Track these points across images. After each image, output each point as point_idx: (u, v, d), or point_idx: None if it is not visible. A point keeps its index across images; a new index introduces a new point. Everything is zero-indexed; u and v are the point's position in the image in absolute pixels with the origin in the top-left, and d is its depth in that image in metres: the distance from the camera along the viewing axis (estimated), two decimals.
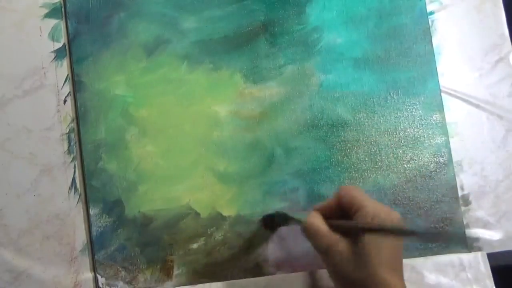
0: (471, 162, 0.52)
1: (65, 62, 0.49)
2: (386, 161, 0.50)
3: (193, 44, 0.50)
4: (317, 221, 0.40)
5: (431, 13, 0.54)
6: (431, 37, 0.53)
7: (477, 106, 0.53)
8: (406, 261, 0.48)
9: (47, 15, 0.49)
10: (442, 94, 0.52)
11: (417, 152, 0.51)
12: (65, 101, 0.48)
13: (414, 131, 0.51)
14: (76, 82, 0.48)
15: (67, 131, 0.48)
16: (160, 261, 0.47)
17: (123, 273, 0.46)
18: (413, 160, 0.51)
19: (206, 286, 0.46)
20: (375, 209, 0.39)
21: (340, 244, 0.38)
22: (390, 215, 0.38)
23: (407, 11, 0.53)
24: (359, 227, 0.38)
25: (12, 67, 0.48)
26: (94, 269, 0.46)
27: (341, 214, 0.41)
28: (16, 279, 0.45)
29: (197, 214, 0.48)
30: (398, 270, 0.38)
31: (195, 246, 0.47)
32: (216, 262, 0.47)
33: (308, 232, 0.40)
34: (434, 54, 0.52)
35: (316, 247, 0.40)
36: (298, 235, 0.43)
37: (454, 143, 0.52)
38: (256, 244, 0.48)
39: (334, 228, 0.39)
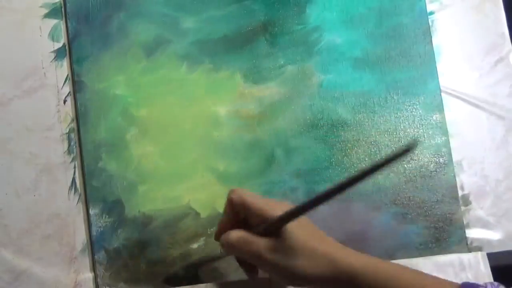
0: (471, 162, 0.52)
1: (65, 62, 0.49)
2: None
3: (193, 44, 0.50)
4: (237, 234, 0.39)
5: (431, 13, 0.54)
6: (431, 37, 0.53)
7: (477, 106, 0.53)
8: (406, 261, 0.48)
9: (47, 15, 0.49)
10: (442, 94, 0.52)
11: (417, 152, 0.51)
12: (65, 101, 0.48)
13: (414, 131, 0.51)
14: (76, 82, 0.48)
15: (67, 131, 0.48)
16: (160, 261, 0.47)
17: (123, 273, 0.46)
18: (413, 160, 0.51)
19: (206, 286, 0.46)
20: (258, 204, 0.38)
21: (267, 243, 0.38)
22: (275, 208, 0.38)
23: (407, 11, 0.53)
24: (278, 219, 0.37)
25: (12, 67, 0.48)
26: (94, 269, 0.46)
27: (238, 219, 0.40)
28: (16, 279, 0.45)
29: (197, 214, 0.48)
30: (326, 238, 0.39)
31: (195, 246, 0.47)
32: (216, 262, 0.47)
33: (236, 247, 0.39)
34: (434, 54, 0.52)
35: (249, 257, 0.39)
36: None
37: (454, 143, 0.52)
38: None
39: (258, 233, 0.39)
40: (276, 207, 0.38)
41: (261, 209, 0.38)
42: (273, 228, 0.38)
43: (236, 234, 0.39)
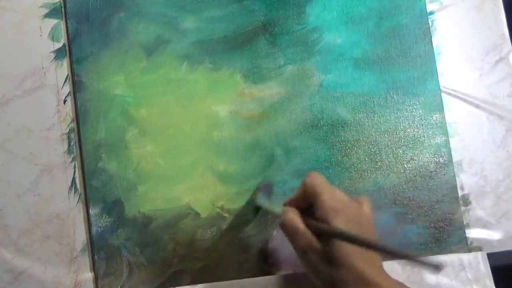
0: (471, 162, 0.52)
1: (65, 62, 0.49)
2: (386, 161, 0.50)
3: (193, 44, 0.50)
4: (295, 219, 0.39)
5: (431, 13, 0.54)
6: (431, 37, 0.53)
7: (477, 106, 0.53)
8: (406, 261, 0.48)
9: (47, 15, 0.49)
10: (442, 94, 0.52)
11: (417, 152, 0.51)
12: (65, 101, 0.48)
13: (414, 131, 0.51)
14: (76, 82, 0.48)
15: (67, 131, 0.48)
16: (160, 261, 0.47)
17: (123, 273, 0.46)
18: (413, 160, 0.51)
19: (206, 286, 0.46)
20: (332, 201, 0.38)
21: (315, 246, 0.37)
22: (337, 217, 0.37)
23: (407, 11, 0.53)
24: (331, 232, 0.37)
25: (12, 67, 0.48)
26: (94, 269, 0.46)
27: (308, 202, 0.40)
28: (16, 279, 0.45)
29: (197, 214, 0.48)
30: (374, 258, 0.37)
31: (195, 246, 0.47)
32: (216, 262, 0.47)
33: (287, 231, 0.39)
34: (434, 54, 0.52)
35: (293, 246, 0.39)
36: None
37: (454, 143, 0.52)
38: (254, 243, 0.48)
39: (308, 226, 0.38)
40: (340, 216, 0.37)
41: (325, 211, 0.38)
42: (328, 235, 0.37)
43: (292, 216, 0.39)
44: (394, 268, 0.48)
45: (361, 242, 0.35)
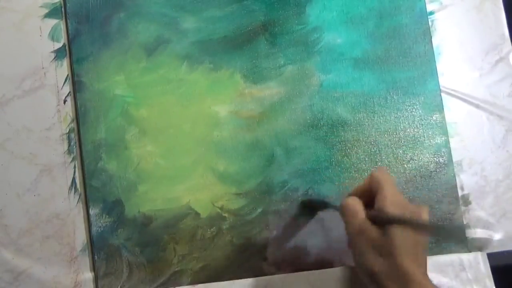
0: (471, 162, 0.52)
1: (65, 62, 0.49)
2: (386, 161, 0.50)
3: (193, 44, 0.50)
4: (357, 204, 0.40)
5: (431, 13, 0.54)
6: (431, 37, 0.53)
7: (477, 106, 0.53)
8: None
9: (47, 15, 0.49)
10: (442, 94, 0.52)
11: (417, 152, 0.51)
12: (65, 101, 0.48)
13: (414, 131, 0.51)
14: (76, 82, 0.48)
15: (67, 131, 0.48)
16: (160, 261, 0.47)
17: (123, 273, 0.46)
18: (413, 160, 0.51)
19: (206, 286, 0.46)
20: (394, 196, 0.39)
21: (370, 231, 0.38)
22: (407, 207, 0.39)
23: (407, 11, 0.53)
24: (389, 219, 0.38)
25: (12, 67, 0.48)
26: (94, 269, 0.46)
27: (371, 196, 0.41)
28: (16, 279, 0.45)
29: (197, 214, 0.48)
30: (422, 264, 0.38)
31: (195, 246, 0.47)
32: (216, 262, 0.47)
33: (346, 211, 0.40)
34: (434, 54, 0.52)
35: (349, 228, 0.40)
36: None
37: (454, 143, 0.52)
38: (257, 243, 0.48)
39: (367, 215, 0.40)
40: (398, 210, 0.38)
41: (386, 202, 0.39)
42: (385, 222, 0.38)
43: (354, 202, 0.40)
44: None
45: (417, 225, 0.36)
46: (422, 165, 0.51)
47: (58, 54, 0.49)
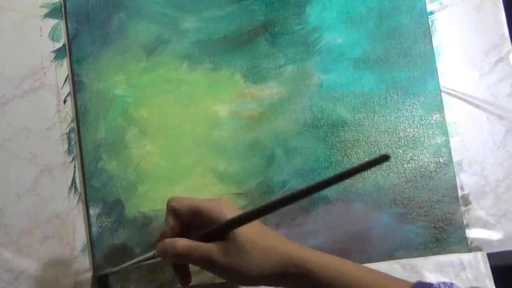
0: (471, 162, 0.52)
1: (65, 62, 0.49)
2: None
3: (193, 44, 0.50)
4: (184, 242, 0.38)
5: (431, 13, 0.54)
6: (431, 37, 0.53)
7: (477, 106, 0.53)
8: (406, 261, 0.48)
9: (47, 15, 0.49)
10: (442, 94, 0.52)
11: (417, 152, 0.51)
12: (65, 101, 0.48)
13: (414, 131, 0.51)
14: (76, 82, 0.48)
15: (67, 131, 0.48)
16: (160, 261, 0.47)
17: (123, 273, 0.46)
18: (413, 160, 0.51)
19: (206, 286, 0.46)
20: (206, 205, 0.38)
21: (216, 247, 0.37)
22: (221, 209, 0.38)
23: (407, 11, 0.53)
24: (227, 224, 0.37)
25: (12, 67, 0.48)
26: (94, 269, 0.46)
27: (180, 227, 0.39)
28: (16, 279, 0.45)
29: None
30: (276, 236, 0.39)
31: None
32: None
33: (187, 254, 0.38)
34: (434, 54, 0.52)
35: (197, 263, 0.38)
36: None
37: (454, 143, 0.52)
38: None
39: (197, 238, 0.38)
40: (222, 208, 0.38)
41: (210, 211, 0.38)
42: (223, 230, 0.37)
43: (183, 242, 0.38)
44: (394, 268, 0.48)
45: (256, 212, 0.36)
46: (422, 165, 0.51)
47: (58, 54, 0.49)
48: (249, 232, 0.37)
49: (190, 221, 0.39)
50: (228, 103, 0.50)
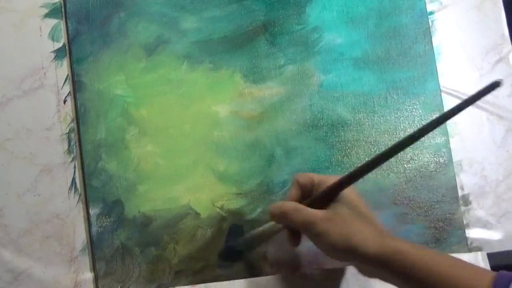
0: (471, 162, 0.52)
1: (65, 62, 0.49)
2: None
3: (193, 44, 0.50)
4: (290, 203, 0.42)
5: (431, 13, 0.54)
6: (431, 37, 0.53)
7: (477, 106, 0.53)
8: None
9: (47, 15, 0.49)
10: (442, 94, 0.52)
11: (417, 152, 0.51)
12: (65, 101, 0.48)
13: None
14: (76, 82, 0.48)
15: (67, 131, 0.48)
16: (160, 261, 0.47)
17: (123, 273, 0.46)
18: (413, 160, 0.51)
19: (207, 286, 0.46)
20: (321, 176, 0.43)
21: (320, 212, 0.40)
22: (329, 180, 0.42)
23: (407, 11, 0.53)
24: (333, 187, 0.40)
25: (12, 67, 0.48)
26: (94, 269, 0.46)
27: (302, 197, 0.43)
28: (16, 279, 0.45)
29: (197, 214, 0.48)
30: (378, 225, 0.41)
31: (195, 246, 0.47)
32: (216, 262, 0.47)
33: (288, 216, 0.41)
34: (434, 54, 0.52)
35: (299, 225, 0.41)
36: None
37: (454, 143, 0.52)
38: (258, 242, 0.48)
39: (308, 205, 0.41)
40: (336, 179, 0.41)
41: (325, 181, 0.42)
42: (329, 196, 0.41)
43: (291, 203, 0.41)
44: None
45: (359, 171, 0.39)
46: (422, 165, 0.51)
47: (58, 54, 0.49)
48: (353, 201, 0.40)
49: (310, 193, 0.42)
50: (228, 103, 0.50)
